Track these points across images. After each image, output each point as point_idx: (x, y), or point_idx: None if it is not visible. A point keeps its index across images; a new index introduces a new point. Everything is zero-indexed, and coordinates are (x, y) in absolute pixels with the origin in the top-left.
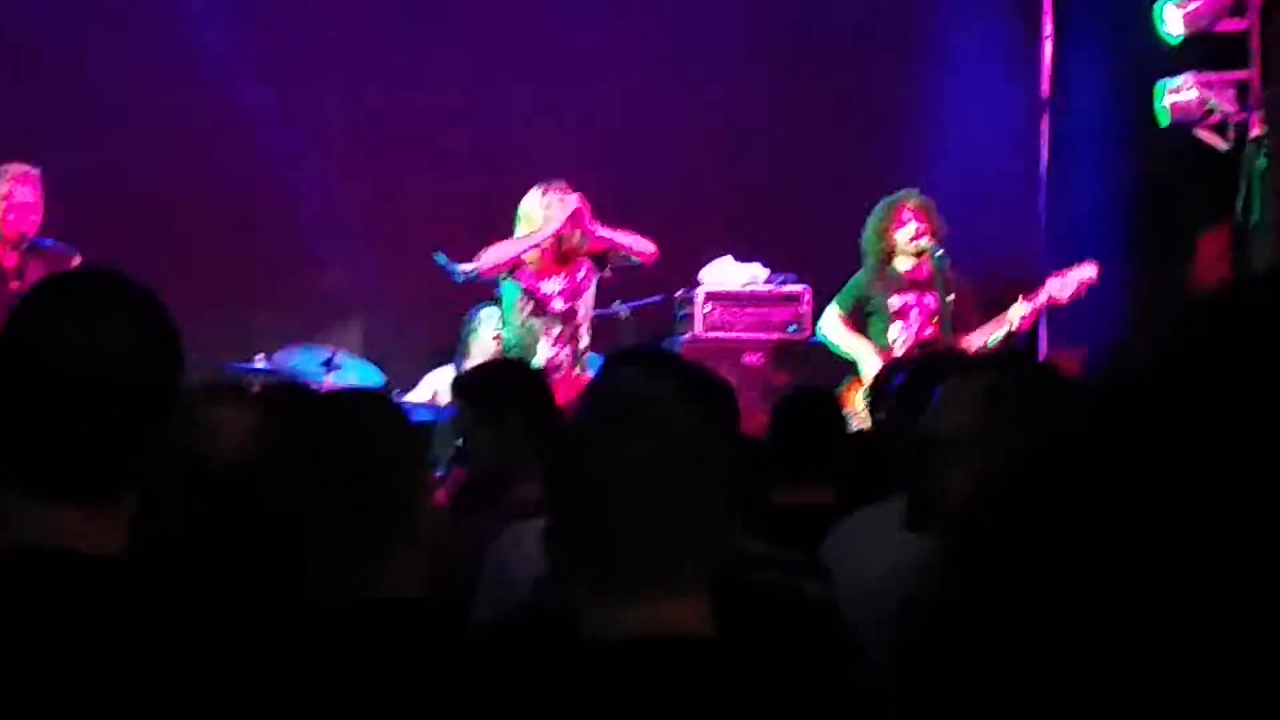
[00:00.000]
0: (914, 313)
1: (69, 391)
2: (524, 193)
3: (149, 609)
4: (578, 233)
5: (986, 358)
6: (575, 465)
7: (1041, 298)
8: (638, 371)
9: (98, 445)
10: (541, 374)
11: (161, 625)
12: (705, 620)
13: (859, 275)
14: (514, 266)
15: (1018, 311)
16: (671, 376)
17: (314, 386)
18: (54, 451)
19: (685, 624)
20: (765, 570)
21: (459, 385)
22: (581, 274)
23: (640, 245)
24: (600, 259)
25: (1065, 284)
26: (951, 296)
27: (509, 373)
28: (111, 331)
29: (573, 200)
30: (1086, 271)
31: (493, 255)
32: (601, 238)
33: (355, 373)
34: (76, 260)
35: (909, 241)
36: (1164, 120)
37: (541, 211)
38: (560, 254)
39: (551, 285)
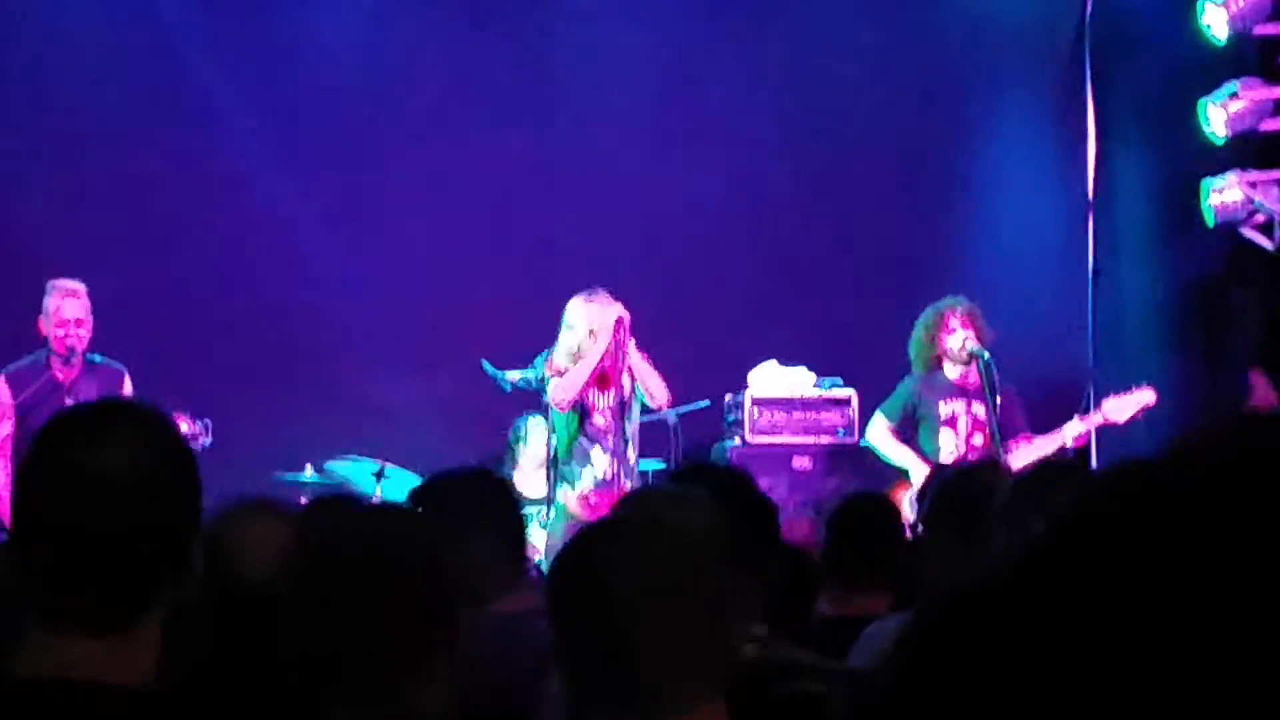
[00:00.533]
0: (963, 420)
1: (71, 515)
2: (567, 295)
3: None
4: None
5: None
6: (565, 585)
7: (1097, 419)
8: (672, 487)
9: (107, 571)
10: (508, 485)
11: None
12: None
13: (906, 383)
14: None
15: (1072, 430)
16: (709, 487)
17: (363, 498)
18: (64, 581)
19: None
20: (809, 681)
21: (414, 495)
22: (628, 387)
23: (658, 389)
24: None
25: (1123, 407)
26: (999, 401)
27: (474, 483)
28: (111, 451)
29: (616, 310)
30: (1146, 397)
31: (567, 388)
32: (629, 362)
33: (404, 483)
34: (125, 377)
35: (957, 349)
36: (1209, 220)
37: (585, 321)
38: (603, 374)
39: (599, 399)
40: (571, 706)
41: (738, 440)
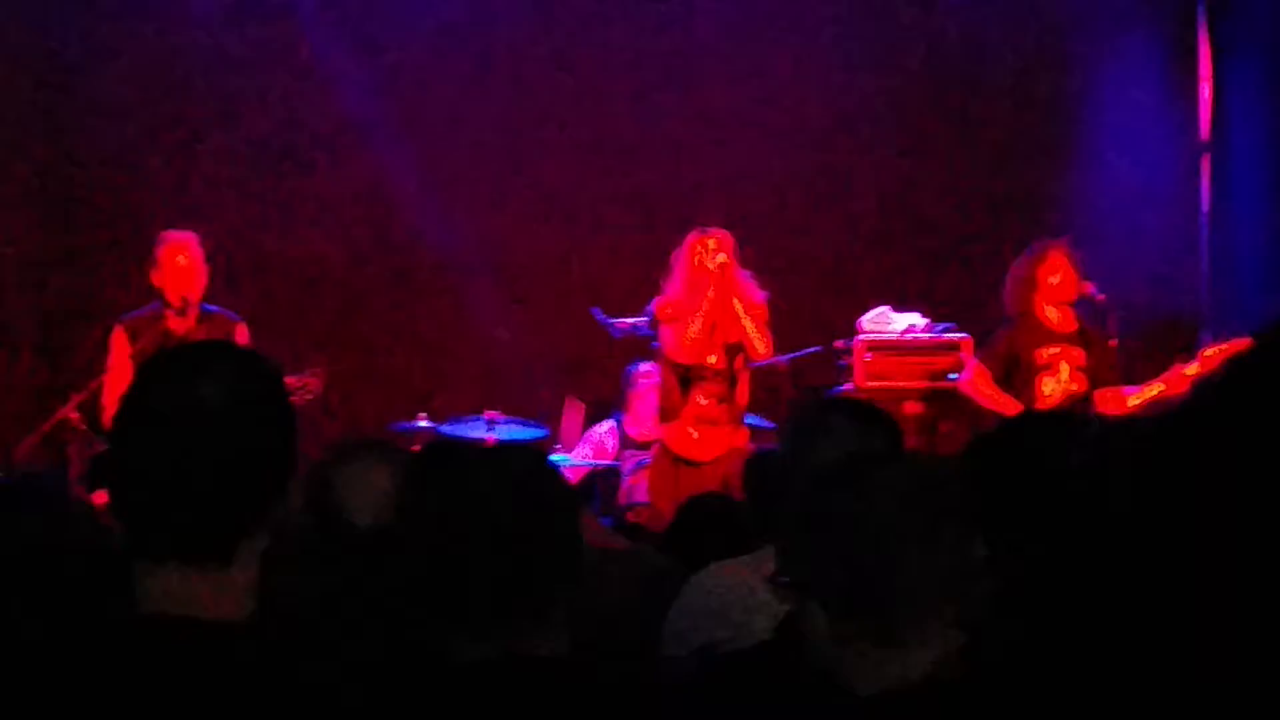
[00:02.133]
0: (1063, 365)
1: (168, 447)
2: (678, 242)
3: (272, 676)
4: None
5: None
6: (827, 511)
7: (1194, 368)
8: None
9: (204, 502)
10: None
11: (284, 693)
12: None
13: (1003, 328)
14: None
15: (1174, 377)
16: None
17: (476, 443)
18: (163, 512)
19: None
20: None
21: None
22: (734, 334)
23: (760, 343)
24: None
25: (1222, 357)
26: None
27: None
28: (206, 385)
29: (726, 269)
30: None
31: (692, 348)
32: (736, 315)
33: (516, 434)
34: (241, 326)
35: (1057, 286)
36: None
37: (698, 271)
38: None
39: (708, 346)
40: (823, 637)
41: (849, 385)
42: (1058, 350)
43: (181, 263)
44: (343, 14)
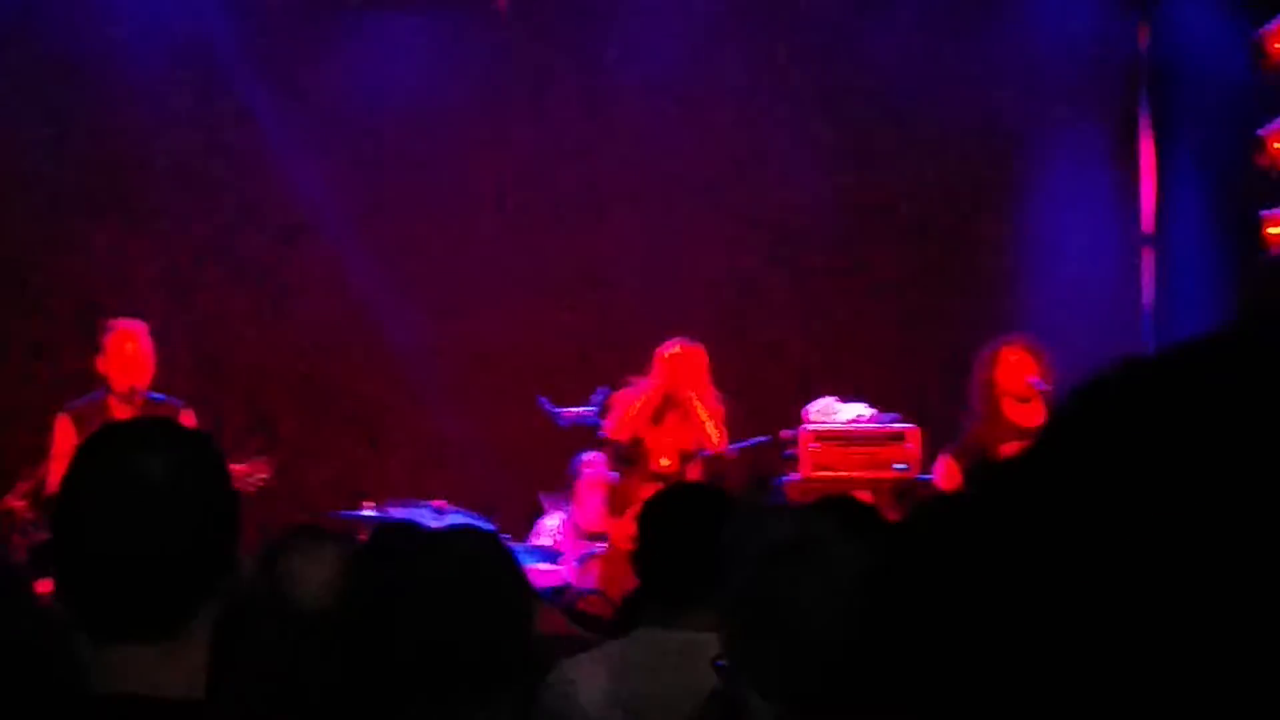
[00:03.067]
0: None
1: (110, 523)
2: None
3: None
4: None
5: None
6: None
7: None
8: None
9: (151, 578)
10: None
11: None
12: None
13: (969, 425)
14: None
15: None
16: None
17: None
18: (109, 589)
19: None
20: None
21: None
22: (688, 429)
23: (714, 432)
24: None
25: None
26: None
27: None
28: (147, 461)
29: (679, 360)
30: None
31: (624, 423)
32: (691, 403)
33: (465, 523)
34: (187, 413)
35: (1017, 386)
36: (1268, 252)
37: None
38: (663, 412)
39: (657, 439)
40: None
41: (797, 475)
42: (1024, 445)
43: (129, 350)
44: (295, 103)
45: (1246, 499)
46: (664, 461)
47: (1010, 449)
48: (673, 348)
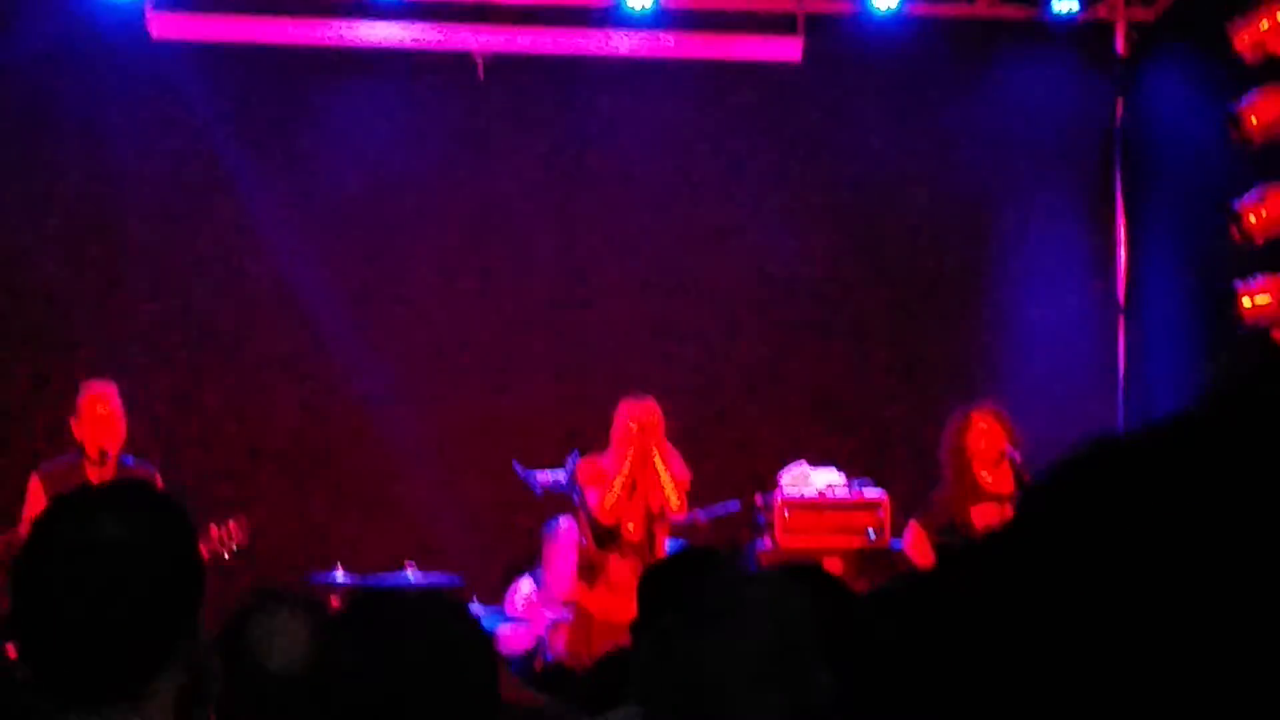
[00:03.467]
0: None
1: (68, 587)
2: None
3: None
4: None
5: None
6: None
7: None
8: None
9: (110, 642)
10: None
11: None
12: None
13: (940, 490)
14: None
15: None
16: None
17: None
18: (68, 653)
19: None
20: None
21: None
22: (654, 496)
23: (672, 497)
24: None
25: None
26: None
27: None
28: (104, 526)
29: (644, 423)
30: None
31: (608, 507)
32: (653, 465)
33: (433, 589)
34: (156, 477)
35: (986, 452)
36: (1241, 323)
37: (620, 429)
38: (633, 484)
39: (627, 508)
40: None
41: (768, 542)
42: (994, 510)
43: (101, 412)
44: (271, 167)
45: (1222, 582)
46: (630, 526)
47: (980, 511)
48: (633, 411)
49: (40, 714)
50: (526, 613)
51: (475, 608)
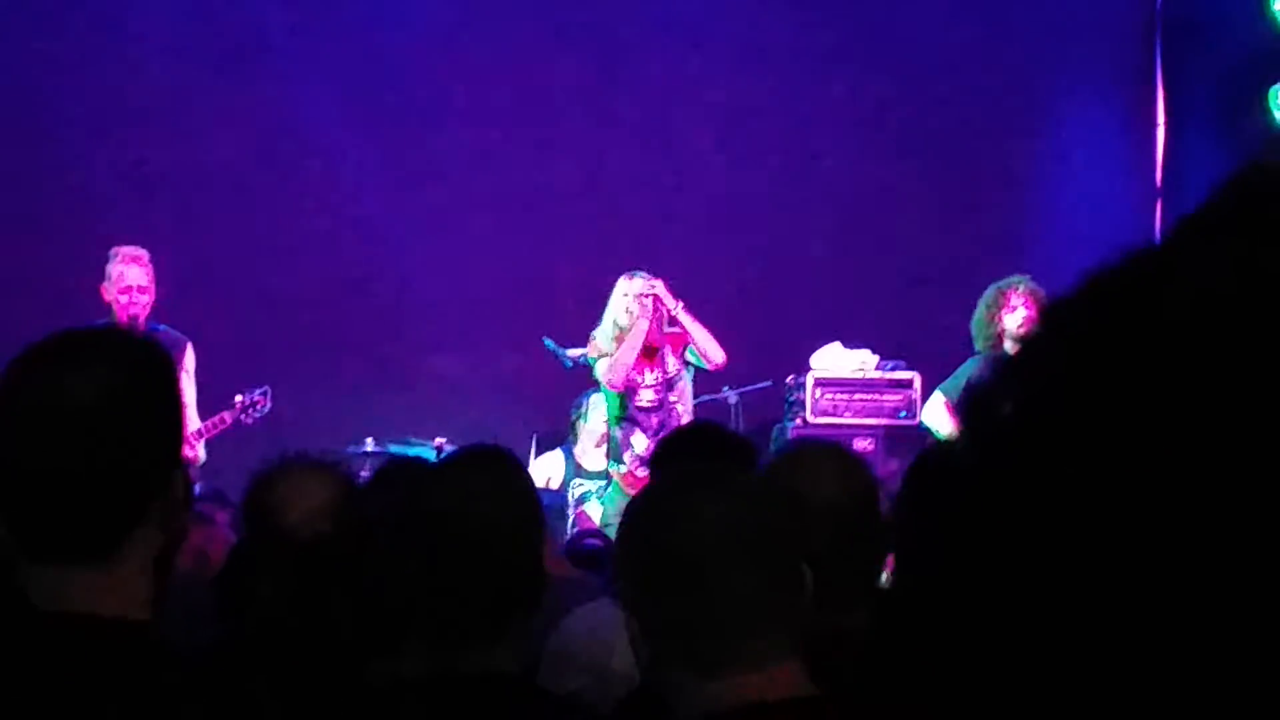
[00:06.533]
0: None
1: (35, 443)
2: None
3: (166, 675)
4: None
5: None
6: (639, 540)
7: None
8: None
9: (79, 499)
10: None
11: (175, 693)
12: (797, 687)
13: (968, 363)
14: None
15: None
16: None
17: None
18: (38, 510)
19: (774, 693)
20: None
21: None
22: (673, 367)
23: (711, 348)
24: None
25: None
26: None
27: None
28: (77, 375)
29: (649, 286)
30: None
31: (616, 368)
32: (675, 327)
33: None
34: (188, 347)
35: (1018, 327)
36: None
37: (623, 308)
38: (647, 349)
39: (644, 378)
40: (647, 665)
41: (799, 421)
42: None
43: (131, 277)
44: (310, 40)
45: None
46: (646, 398)
47: None
48: (646, 284)
49: (19, 569)
50: (554, 487)
51: None
